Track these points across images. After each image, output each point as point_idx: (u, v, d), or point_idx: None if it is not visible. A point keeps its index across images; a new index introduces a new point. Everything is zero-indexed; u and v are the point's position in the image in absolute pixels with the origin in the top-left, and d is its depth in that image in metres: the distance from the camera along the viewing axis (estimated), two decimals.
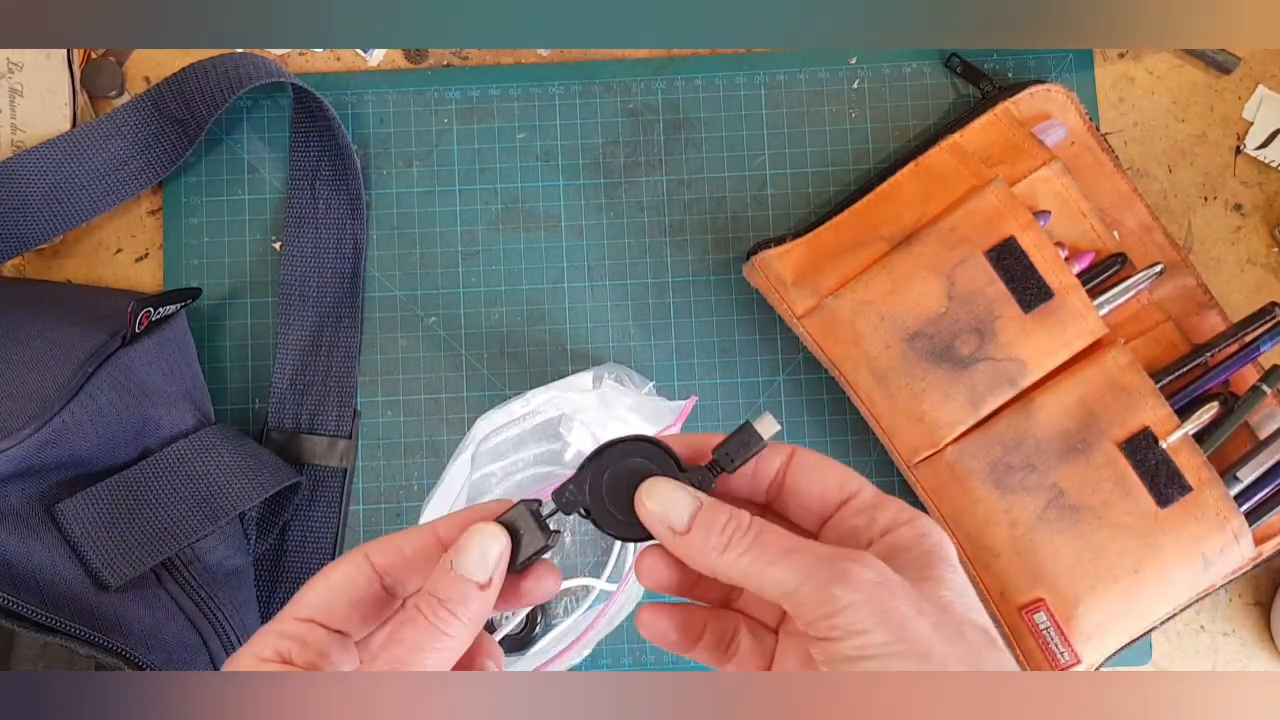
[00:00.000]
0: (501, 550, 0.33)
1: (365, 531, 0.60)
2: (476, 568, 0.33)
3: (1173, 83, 0.63)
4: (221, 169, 0.61)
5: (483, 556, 0.33)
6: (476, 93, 0.62)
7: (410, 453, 0.60)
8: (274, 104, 0.62)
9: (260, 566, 0.59)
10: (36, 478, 0.50)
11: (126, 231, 0.61)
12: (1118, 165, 0.60)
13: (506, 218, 0.61)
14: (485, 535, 0.33)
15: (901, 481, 0.59)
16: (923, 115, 0.62)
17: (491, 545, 0.33)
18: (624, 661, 0.60)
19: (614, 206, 0.62)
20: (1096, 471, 0.54)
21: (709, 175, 0.62)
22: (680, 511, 0.33)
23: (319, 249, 0.60)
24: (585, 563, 0.60)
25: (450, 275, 0.61)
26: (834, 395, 0.60)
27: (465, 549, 0.33)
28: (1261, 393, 0.56)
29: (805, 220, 0.61)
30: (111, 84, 0.61)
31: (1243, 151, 0.62)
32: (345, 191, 0.60)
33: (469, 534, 0.33)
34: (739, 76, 0.62)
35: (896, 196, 0.58)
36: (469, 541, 0.33)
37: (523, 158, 0.62)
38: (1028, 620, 0.55)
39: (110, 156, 0.58)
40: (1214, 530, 0.53)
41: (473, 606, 0.32)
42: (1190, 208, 0.62)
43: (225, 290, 0.61)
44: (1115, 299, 0.57)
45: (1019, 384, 0.55)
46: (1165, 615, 0.55)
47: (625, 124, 0.62)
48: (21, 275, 0.61)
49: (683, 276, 0.61)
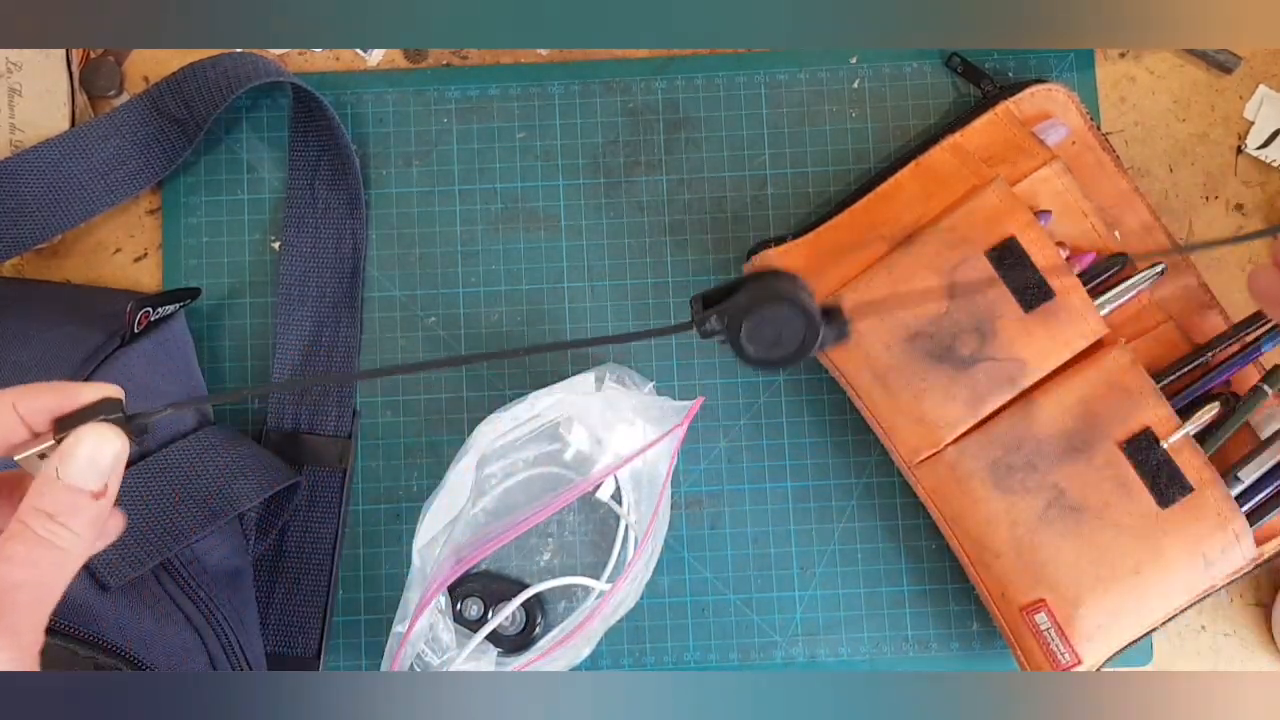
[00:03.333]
0: (118, 453, 0.30)
1: (365, 532, 0.60)
2: (88, 475, 0.30)
3: (1174, 82, 0.62)
4: (221, 169, 0.61)
5: (94, 462, 0.30)
6: (476, 92, 0.62)
7: (410, 453, 0.60)
8: (273, 104, 0.62)
9: (259, 567, 0.58)
10: None
11: (125, 231, 0.61)
12: (1119, 165, 0.60)
13: (506, 217, 0.61)
14: (97, 437, 0.30)
15: (902, 482, 0.59)
16: (923, 115, 0.62)
17: (104, 449, 0.30)
18: (624, 662, 0.59)
19: (614, 206, 0.61)
20: (1097, 472, 0.54)
21: (709, 175, 0.62)
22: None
23: (318, 249, 0.60)
24: (585, 563, 0.60)
25: (450, 275, 0.61)
26: (834, 395, 0.60)
27: (72, 454, 0.30)
28: (1263, 393, 0.56)
29: (805, 220, 0.61)
30: (110, 83, 0.60)
31: (1244, 151, 0.62)
32: (344, 191, 0.60)
33: (77, 437, 0.30)
34: (739, 76, 0.62)
35: (897, 196, 0.58)
36: (77, 447, 0.30)
37: (522, 157, 0.62)
38: (1028, 621, 0.55)
39: (109, 156, 0.58)
40: (1215, 530, 0.53)
41: (86, 516, 0.30)
42: (1191, 207, 0.62)
43: (224, 290, 0.61)
44: (1116, 299, 0.57)
45: (1019, 384, 0.55)
46: (1166, 616, 0.55)
47: (625, 124, 0.62)
48: (20, 275, 0.61)
49: (683, 276, 0.61)
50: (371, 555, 0.60)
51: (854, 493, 0.60)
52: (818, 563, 0.60)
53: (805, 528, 0.60)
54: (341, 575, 0.59)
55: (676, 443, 0.57)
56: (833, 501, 0.60)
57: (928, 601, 0.60)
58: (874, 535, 0.60)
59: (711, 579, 0.60)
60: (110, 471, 0.30)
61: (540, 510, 0.56)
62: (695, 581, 0.60)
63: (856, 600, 0.60)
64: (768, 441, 0.60)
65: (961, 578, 0.59)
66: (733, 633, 0.59)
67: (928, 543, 0.60)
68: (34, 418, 0.31)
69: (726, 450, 0.60)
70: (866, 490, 0.60)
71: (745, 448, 0.60)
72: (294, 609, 0.58)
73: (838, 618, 0.59)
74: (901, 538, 0.60)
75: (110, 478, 0.30)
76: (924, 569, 0.60)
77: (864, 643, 0.59)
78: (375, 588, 0.60)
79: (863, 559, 0.60)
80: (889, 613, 0.60)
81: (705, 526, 0.60)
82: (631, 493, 0.58)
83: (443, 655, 0.54)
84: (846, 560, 0.60)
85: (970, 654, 0.60)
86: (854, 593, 0.60)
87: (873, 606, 0.60)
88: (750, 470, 0.60)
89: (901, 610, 0.60)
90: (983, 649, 0.60)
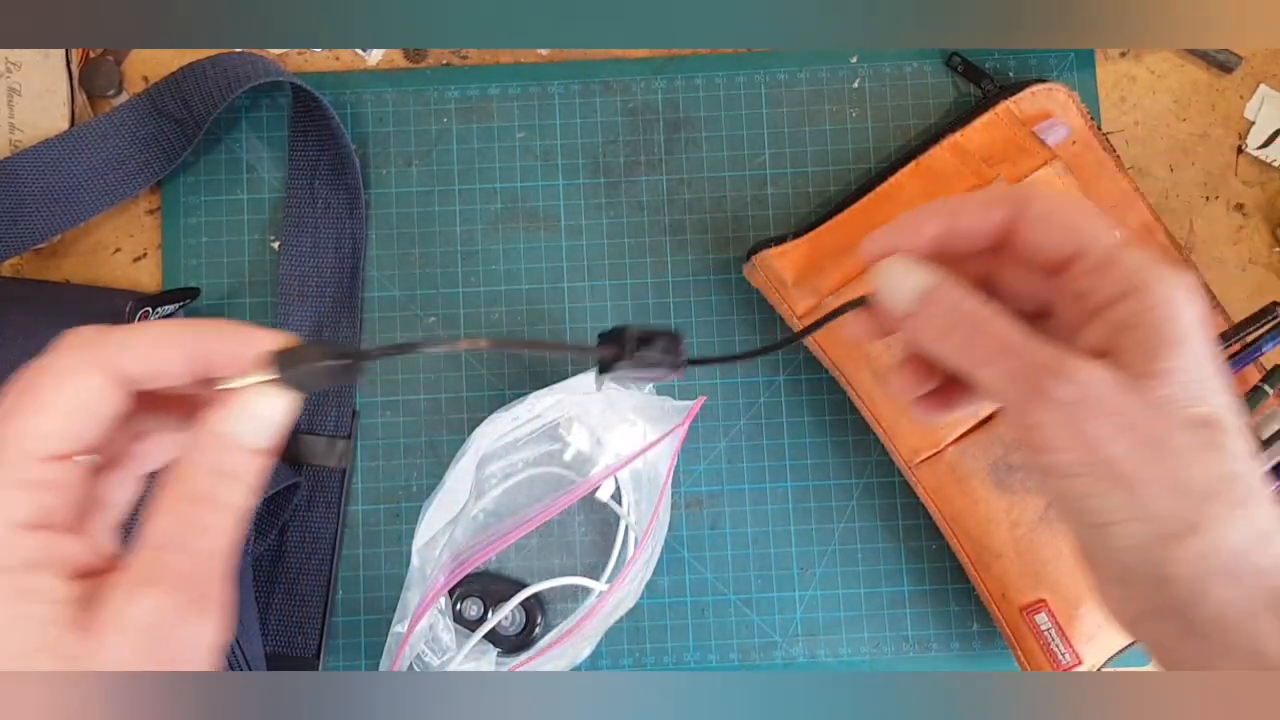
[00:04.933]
0: (285, 412, 0.29)
1: (364, 532, 0.60)
2: (265, 433, 0.29)
3: (1174, 82, 0.62)
4: (220, 168, 0.61)
5: (271, 420, 0.29)
6: (476, 92, 0.62)
7: (409, 453, 0.60)
8: (273, 103, 0.62)
9: (259, 567, 0.58)
10: None
11: (125, 231, 0.61)
12: (1119, 165, 0.60)
13: (506, 217, 0.61)
14: (266, 398, 0.28)
15: (902, 482, 0.59)
16: (923, 114, 0.62)
17: (274, 408, 0.29)
18: (624, 662, 0.59)
19: (614, 206, 0.61)
20: None
21: (709, 175, 0.61)
22: (911, 289, 0.31)
23: (318, 249, 0.60)
24: (585, 563, 0.60)
25: (450, 275, 0.61)
26: (834, 395, 0.60)
27: (243, 414, 0.28)
28: (1263, 393, 0.55)
29: (806, 220, 0.61)
30: (110, 83, 0.60)
31: (1244, 151, 0.62)
32: (344, 191, 0.60)
33: (239, 399, 0.28)
34: (739, 76, 0.62)
35: (897, 196, 0.58)
36: (248, 405, 0.28)
37: (522, 157, 0.62)
38: (1029, 621, 0.54)
39: (108, 156, 0.58)
40: None
41: (255, 478, 0.28)
42: (1192, 207, 0.62)
43: (224, 290, 0.61)
44: None
45: None
46: None
47: (625, 123, 0.62)
48: (19, 275, 0.61)
49: (683, 276, 0.61)
50: (371, 555, 0.59)
51: (854, 493, 0.60)
52: (818, 563, 0.60)
53: (805, 528, 0.60)
54: (341, 575, 0.59)
55: (677, 443, 0.57)
56: (833, 501, 0.60)
57: (928, 601, 0.59)
58: (874, 535, 0.60)
59: (711, 579, 0.60)
60: (276, 432, 0.29)
61: (541, 512, 0.56)
62: (695, 581, 0.60)
63: (856, 600, 0.60)
64: (768, 441, 0.60)
65: (962, 578, 0.58)
66: (733, 633, 0.59)
67: (928, 543, 0.59)
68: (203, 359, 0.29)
69: (726, 450, 0.60)
70: (866, 490, 0.60)
71: (745, 448, 0.60)
72: (294, 609, 0.58)
73: (838, 618, 0.59)
74: (901, 538, 0.60)
75: (274, 438, 0.29)
76: (924, 569, 0.60)
77: (864, 643, 0.59)
78: (375, 588, 0.59)
79: (863, 559, 0.60)
80: (889, 613, 0.59)
81: (705, 526, 0.60)
82: (631, 493, 0.58)
83: (442, 655, 0.54)
84: (846, 560, 0.60)
85: (970, 654, 0.60)
86: (854, 593, 0.60)
87: (873, 606, 0.60)
88: (750, 470, 0.60)
89: (901, 610, 0.60)
90: (983, 649, 0.59)
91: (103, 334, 0.28)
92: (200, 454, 0.28)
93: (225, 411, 0.28)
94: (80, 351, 0.28)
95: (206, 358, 0.28)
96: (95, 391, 0.28)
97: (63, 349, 0.28)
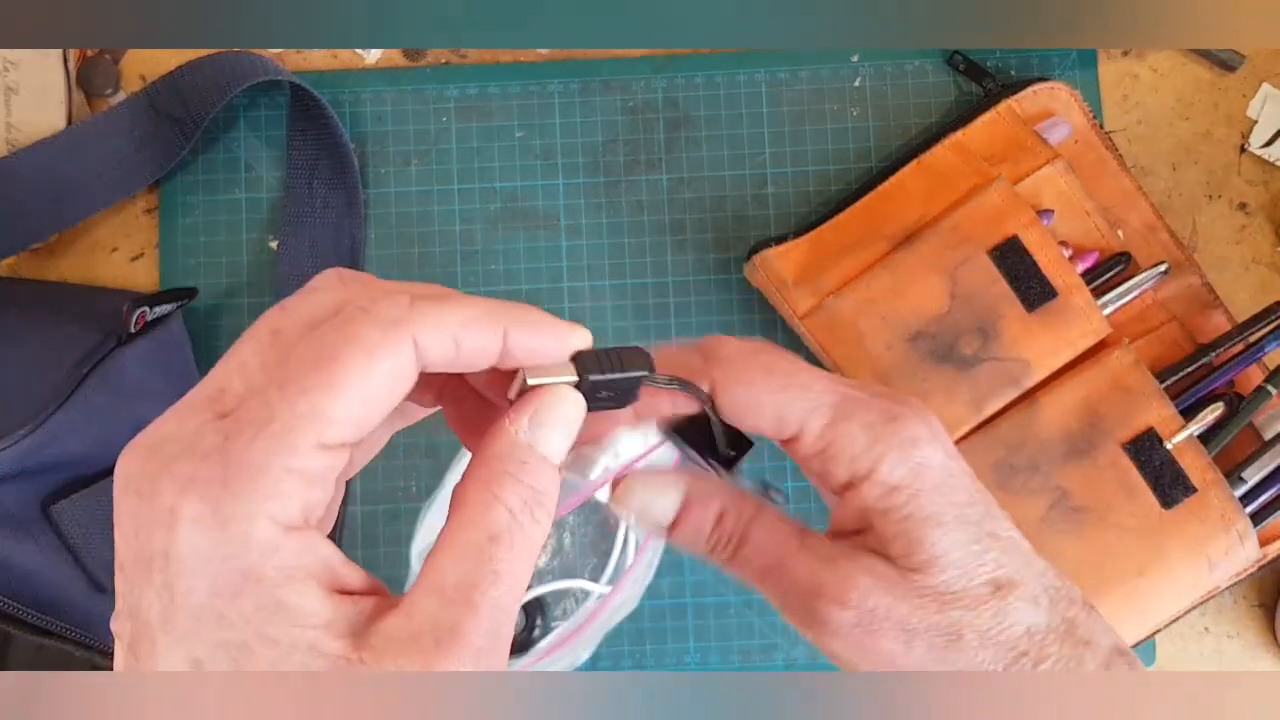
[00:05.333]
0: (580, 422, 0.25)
1: (364, 533, 0.59)
2: (561, 448, 0.25)
3: (1177, 80, 0.62)
4: (218, 168, 0.61)
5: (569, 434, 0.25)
6: (475, 91, 0.61)
7: (409, 453, 0.60)
8: (271, 102, 0.61)
9: None
10: (31, 479, 0.49)
11: (122, 231, 0.61)
12: (1121, 164, 0.59)
13: (506, 217, 0.61)
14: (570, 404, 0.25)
15: None
16: (925, 113, 0.62)
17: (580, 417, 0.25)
18: (624, 664, 0.59)
19: (614, 206, 0.61)
20: (1100, 473, 0.53)
21: (709, 174, 0.61)
22: (661, 511, 0.30)
23: (316, 248, 0.60)
24: (585, 565, 0.59)
25: (450, 275, 0.61)
26: None
27: (548, 422, 0.25)
28: (1266, 393, 0.55)
29: (806, 219, 0.60)
30: (107, 82, 0.60)
31: (1247, 150, 0.62)
32: (343, 190, 0.60)
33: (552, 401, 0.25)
34: (739, 75, 0.62)
35: (898, 195, 0.57)
36: (553, 413, 0.25)
37: (522, 156, 0.61)
38: None
39: (105, 155, 0.58)
40: (1219, 532, 0.53)
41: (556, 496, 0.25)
42: (1195, 206, 0.62)
43: (222, 290, 0.60)
44: (1119, 298, 0.56)
45: (1022, 384, 0.54)
46: (1170, 618, 0.55)
47: (625, 123, 0.61)
48: (16, 275, 0.60)
49: (683, 276, 0.61)
50: (370, 556, 0.59)
51: None
52: None
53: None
54: None
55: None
56: None
57: None
58: None
59: (712, 580, 0.59)
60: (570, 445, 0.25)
61: None
62: (696, 583, 0.59)
63: None
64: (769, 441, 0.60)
65: None
66: (733, 634, 0.59)
67: None
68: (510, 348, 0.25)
69: None
70: None
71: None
72: None
73: None
74: None
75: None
76: None
77: None
78: None
79: None
80: None
81: None
82: None
83: None
84: None
85: None
86: None
87: None
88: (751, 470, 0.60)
89: None
90: None
91: (412, 304, 0.24)
92: (503, 464, 0.24)
93: (531, 415, 0.24)
94: (389, 327, 0.23)
95: (515, 347, 0.25)
96: (401, 378, 0.23)
97: (367, 317, 0.23)
